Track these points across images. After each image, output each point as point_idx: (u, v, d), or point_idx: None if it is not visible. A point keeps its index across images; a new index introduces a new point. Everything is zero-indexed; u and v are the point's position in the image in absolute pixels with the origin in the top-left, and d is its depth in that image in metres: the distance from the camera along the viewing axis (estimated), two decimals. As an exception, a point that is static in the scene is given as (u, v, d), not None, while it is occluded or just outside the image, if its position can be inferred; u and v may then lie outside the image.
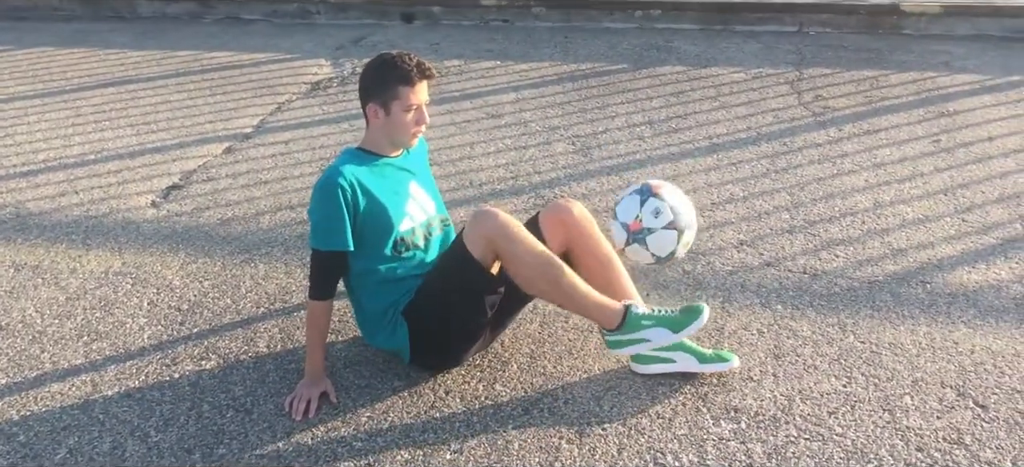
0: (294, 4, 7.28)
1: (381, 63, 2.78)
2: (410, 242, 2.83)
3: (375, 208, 2.75)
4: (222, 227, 3.87)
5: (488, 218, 2.66)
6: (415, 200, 2.89)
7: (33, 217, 4.00)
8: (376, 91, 2.76)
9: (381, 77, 2.75)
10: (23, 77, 5.97)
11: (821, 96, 5.16)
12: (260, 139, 4.82)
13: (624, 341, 2.73)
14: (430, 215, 2.94)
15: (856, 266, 3.44)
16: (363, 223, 2.74)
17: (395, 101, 2.74)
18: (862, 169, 4.23)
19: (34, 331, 3.16)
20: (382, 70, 2.76)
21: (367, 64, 2.83)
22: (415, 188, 2.91)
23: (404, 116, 2.76)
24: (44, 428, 2.69)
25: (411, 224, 2.85)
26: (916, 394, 2.75)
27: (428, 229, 2.91)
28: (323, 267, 2.74)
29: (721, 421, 2.67)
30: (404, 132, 2.80)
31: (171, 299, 3.34)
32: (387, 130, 2.80)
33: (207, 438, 2.64)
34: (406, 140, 2.83)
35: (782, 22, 6.50)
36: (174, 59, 6.26)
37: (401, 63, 2.73)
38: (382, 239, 2.79)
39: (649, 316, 2.72)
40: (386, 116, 2.77)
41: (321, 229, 2.72)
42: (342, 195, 2.68)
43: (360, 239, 2.76)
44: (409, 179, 2.90)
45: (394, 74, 2.73)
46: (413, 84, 2.73)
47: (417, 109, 2.78)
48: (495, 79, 5.63)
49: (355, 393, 2.82)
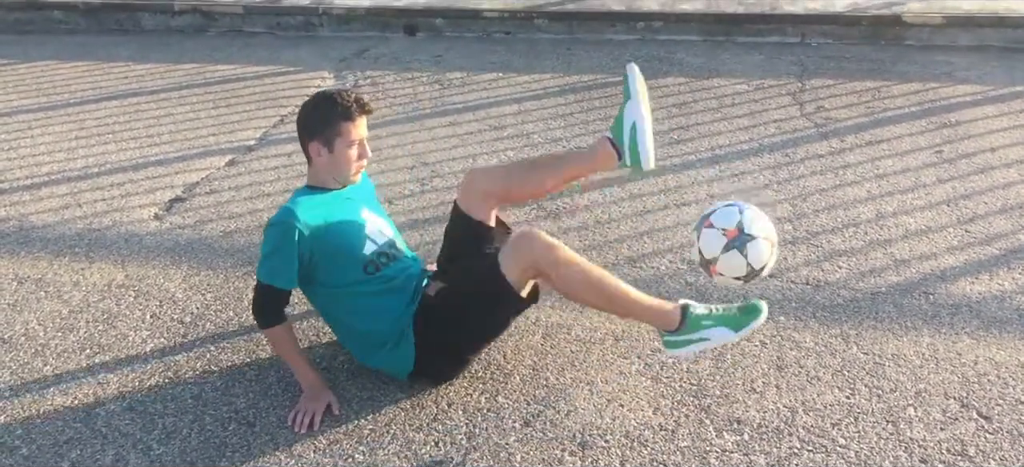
0: (298, 17, 7.29)
1: (322, 101, 2.83)
2: (379, 262, 2.84)
3: (334, 237, 2.79)
4: (225, 239, 3.87)
5: (532, 241, 2.67)
6: (371, 223, 2.91)
7: (36, 230, 4.00)
8: (318, 129, 2.81)
9: (322, 115, 2.81)
10: (27, 90, 5.99)
11: (823, 107, 5.16)
12: (263, 151, 4.82)
13: (683, 342, 2.68)
14: (389, 235, 2.96)
15: (859, 277, 3.43)
16: (324, 256, 2.77)
17: (338, 138, 2.80)
18: (864, 180, 4.23)
19: (37, 344, 3.16)
20: (323, 108, 2.81)
21: (305, 104, 2.88)
22: (367, 214, 2.93)
23: (347, 151, 2.82)
24: (47, 441, 2.69)
25: (374, 246, 2.86)
26: (919, 406, 2.75)
27: (394, 248, 2.93)
28: (268, 298, 2.76)
29: (724, 433, 2.67)
30: (347, 167, 2.85)
31: (174, 311, 3.34)
32: (331, 167, 2.85)
33: (209, 451, 2.64)
34: (348, 175, 2.88)
35: (784, 33, 6.50)
36: (177, 72, 6.27)
37: (341, 100, 2.79)
38: (351, 266, 2.81)
39: (709, 316, 2.67)
40: (330, 153, 2.82)
41: (268, 264, 2.74)
42: (294, 232, 2.71)
43: (330, 268, 2.78)
44: (359, 206, 2.93)
45: (335, 111, 2.79)
46: (354, 119, 2.80)
47: (360, 143, 2.84)
48: (497, 91, 5.64)
49: (357, 405, 2.82)
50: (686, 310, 2.68)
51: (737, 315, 2.67)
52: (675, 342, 2.69)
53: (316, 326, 3.19)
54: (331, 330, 3.03)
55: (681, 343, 2.68)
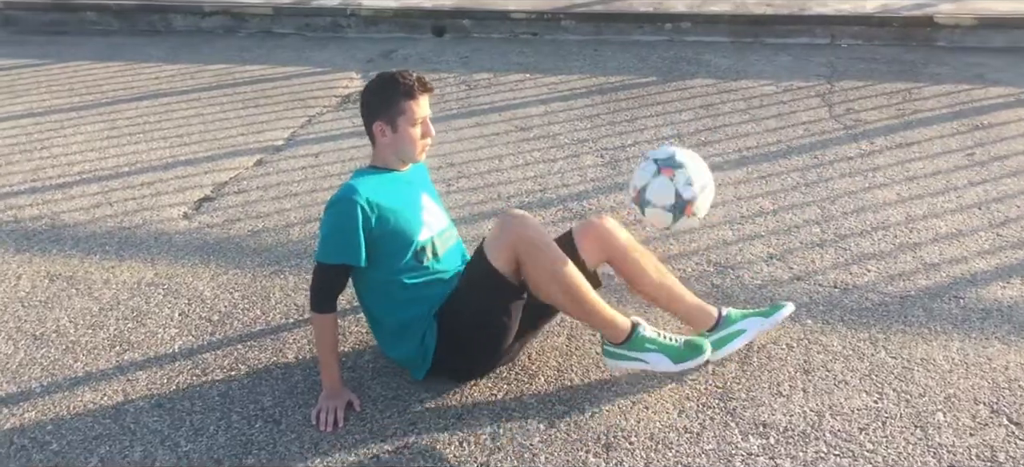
0: (326, 18, 7.34)
1: (383, 81, 2.83)
2: (429, 251, 2.85)
3: (393, 220, 2.78)
4: (252, 239, 3.90)
5: (512, 222, 2.69)
6: (428, 211, 2.92)
7: (68, 228, 4.06)
8: (381, 109, 2.81)
9: (385, 95, 2.81)
10: (60, 90, 6.07)
11: (853, 109, 5.12)
12: (291, 152, 4.86)
13: (621, 355, 2.77)
14: (444, 225, 2.98)
15: (888, 281, 3.40)
16: (382, 236, 2.77)
17: (401, 116, 2.79)
18: (894, 183, 4.19)
19: (68, 341, 3.21)
20: (385, 88, 2.81)
21: (367, 85, 2.88)
22: (426, 200, 2.94)
23: (411, 130, 2.81)
24: (76, 437, 2.73)
25: (429, 233, 2.87)
26: (948, 411, 2.72)
27: (444, 239, 2.94)
28: (327, 280, 2.77)
29: (750, 436, 2.65)
30: (412, 146, 2.84)
31: (202, 310, 3.37)
32: (395, 146, 2.84)
33: (236, 448, 2.66)
34: (414, 154, 2.87)
35: (814, 34, 6.45)
36: (207, 72, 6.33)
37: (403, 79, 2.79)
38: (402, 250, 2.81)
39: (654, 341, 2.75)
40: (393, 133, 2.82)
41: (330, 242, 2.75)
42: (358, 210, 2.71)
43: (382, 251, 2.78)
44: (420, 191, 2.94)
45: (398, 90, 2.79)
46: (416, 98, 2.80)
47: (423, 122, 2.83)
48: (524, 92, 5.64)
49: (382, 404, 2.83)
50: (635, 328, 2.75)
51: (681, 349, 2.75)
52: (614, 354, 2.79)
53: (341, 326, 3.20)
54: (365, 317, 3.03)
55: (618, 355, 2.79)
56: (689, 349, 2.75)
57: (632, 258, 2.89)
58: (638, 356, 2.75)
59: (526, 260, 2.67)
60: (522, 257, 2.67)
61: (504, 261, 2.67)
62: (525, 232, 2.67)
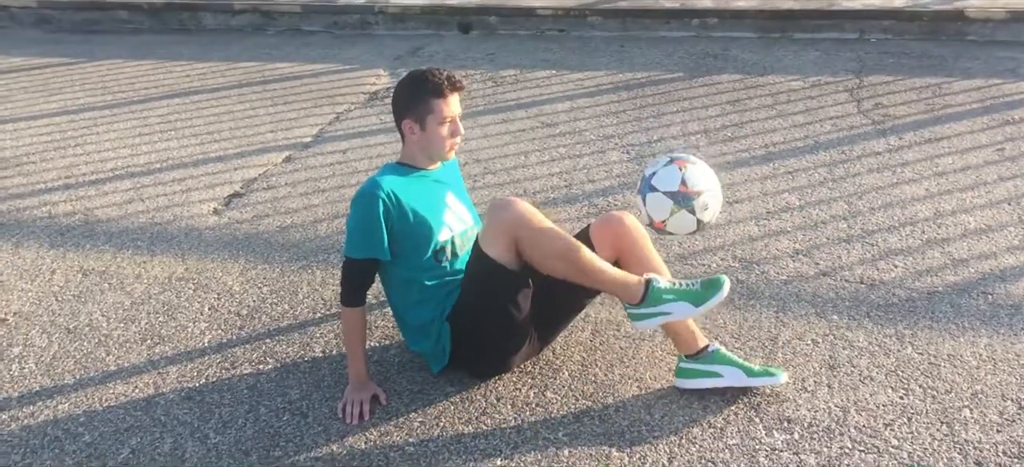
0: (354, 15, 7.39)
1: (413, 79, 2.84)
2: (449, 251, 2.88)
3: (414, 218, 2.81)
4: (281, 234, 3.95)
5: (502, 208, 2.68)
6: (452, 211, 2.94)
7: (101, 224, 4.12)
8: (410, 107, 2.83)
9: (414, 93, 2.82)
10: (94, 88, 6.16)
11: (881, 104, 5.09)
12: (319, 148, 4.90)
13: (646, 314, 2.69)
14: (467, 226, 2.99)
15: (915, 276, 3.38)
16: (402, 233, 2.80)
17: (429, 115, 2.80)
18: (923, 178, 4.16)
19: (100, 334, 3.26)
20: (415, 86, 2.83)
21: (399, 82, 2.90)
22: (451, 199, 2.96)
23: (439, 129, 2.82)
24: (108, 429, 2.78)
25: (449, 233, 2.89)
26: (975, 407, 2.70)
27: (465, 239, 2.95)
28: (355, 274, 2.81)
29: (774, 432, 2.65)
30: (440, 145, 2.85)
31: (231, 304, 3.42)
32: (423, 144, 2.86)
33: (264, 440, 2.70)
34: (443, 152, 2.88)
35: (842, 29, 6.41)
36: (237, 70, 6.40)
37: (432, 77, 2.80)
38: (421, 248, 2.84)
39: (670, 290, 2.67)
40: (422, 131, 2.83)
41: (357, 237, 2.79)
42: (381, 205, 2.74)
43: (400, 249, 2.81)
44: (445, 191, 2.96)
45: (426, 88, 2.80)
46: (446, 96, 2.80)
47: (451, 121, 2.84)
48: (550, 88, 5.65)
49: (408, 398, 2.86)
50: (649, 283, 2.68)
51: (698, 291, 2.66)
52: (638, 315, 2.70)
53: (368, 320, 3.23)
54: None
55: (643, 316, 2.70)
56: (707, 288, 2.66)
57: (636, 256, 2.86)
58: (659, 310, 2.67)
59: (523, 242, 2.66)
60: (519, 240, 2.66)
61: (502, 249, 2.67)
62: (515, 215, 2.65)
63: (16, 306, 3.47)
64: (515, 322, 2.81)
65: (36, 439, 2.74)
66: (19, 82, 6.38)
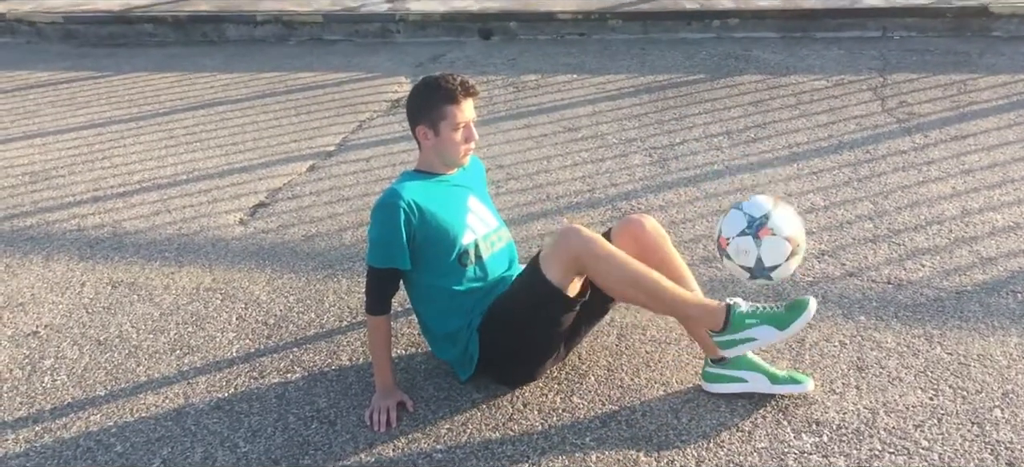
0: (375, 24, 7.43)
1: (426, 86, 2.85)
2: (473, 254, 2.89)
3: (436, 224, 2.82)
4: (306, 243, 3.98)
5: (572, 236, 2.67)
6: (474, 214, 2.94)
7: (129, 236, 4.17)
8: (424, 113, 2.84)
9: (427, 99, 2.83)
10: (120, 102, 6.22)
11: (906, 102, 5.05)
12: (342, 157, 4.93)
13: (732, 341, 2.61)
14: (491, 228, 2.99)
15: (943, 276, 3.35)
16: (425, 239, 2.81)
17: (443, 121, 2.81)
18: (949, 176, 4.13)
19: (130, 345, 3.30)
20: (428, 92, 2.84)
21: (413, 88, 2.91)
22: (473, 202, 2.96)
23: (453, 135, 2.83)
24: (139, 439, 2.81)
25: (473, 237, 2.90)
26: (1007, 407, 2.68)
27: (490, 242, 2.96)
28: (379, 283, 2.82)
29: (802, 434, 2.64)
30: (455, 151, 2.86)
31: (258, 314, 3.44)
32: (438, 150, 2.87)
33: (293, 449, 2.72)
34: (457, 158, 2.89)
35: (865, 27, 6.37)
36: (260, 81, 6.45)
37: (445, 83, 2.80)
38: (446, 253, 2.84)
39: (754, 314, 2.59)
40: (436, 136, 2.84)
41: (379, 247, 2.80)
42: (401, 214, 2.76)
43: (424, 255, 2.83)
44: (466, 194, 2.96)
45: (439, 95, 2.80)
46: (458, 102, 2.81)
47: (465, 127, 2.84)
48: (572, 92, 5.66)
49: (434, 405, 2.87)
50: (731, 309, 2.60)
51: (783, 314, 2.58)
52: (726, 342, 2.63)
53: (394, 327, 3.25)
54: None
55: (730, 343, 2.62)
56: (791, 310, 2.57)
57: (658, 259, 2.82)
58: (745, 336, 2.58)
59: (591, 269, 2.65)
60: (587, 268, 2.65)
61: (561, 274, 2.66)
62: (583, 242, 2.64)
63: (47, 319, 3.51)
64: (551, 342, 2.83)
65: (69, 450, 2.78)
66: (46, 97, 6.46)
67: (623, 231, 2.90)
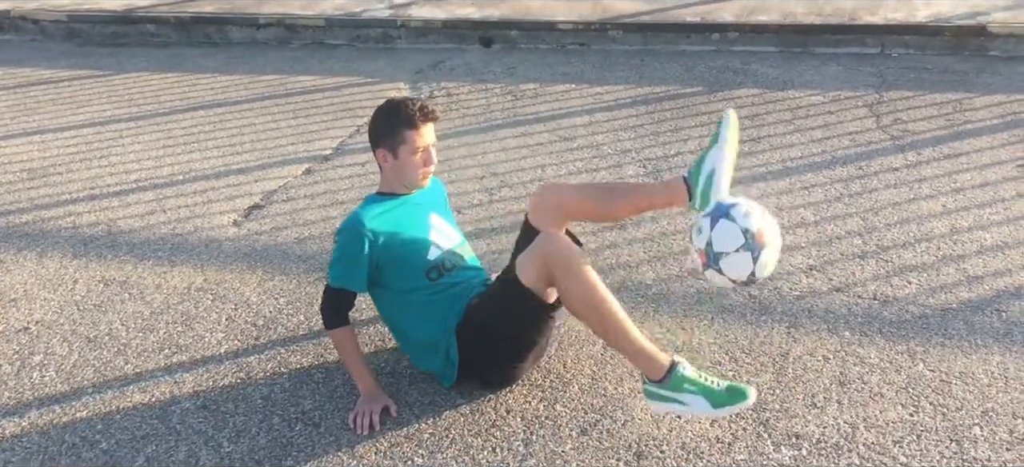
0: (376, 29, 7.46)
1: (387, 110, 2.92)
2: (442, 268, 2.93)
3: (400, 243, 2.89)
4: (298, 246, 4.00)
5: (550, 243, 2.69)
6: (437, 230, 3.01)
7: (123, 235, 4.19)
8: (384, 137, 2.91)
9: (387, 123, 2.90)
10: (120, 101, 6.25)
11: (901, 120, 5.07)
12: (338, 161, 4.96)
13: (662, 396, 2.61)
14: (455, 242, 3.05)
15: (929, 293, 3.37)
16: (391, 260, 2.87)
17: (402, 145, 2.88)
18: (940, 194, 4.14)
19: (119, 343, 3.32)
20: (388, 116, 2.90)
21: (374, 112, 2.97)
22: (435, 219, 3.03)
23: (412, 158, 2.89)
24: (125, 436, 2.83)
25: (438, 252, 2.95)
26: (986, 425, 2.69)
27: (454, 255, 3.01)
28: (334, 302, 2.89)
29: (782, 447, 2.65)
30: (413, 174, 2.92)
31: (248, 315, 3.46)
32: (397, 173, 2.93)
33: (276, 450, 2.74)
34: (416, 181, 2.95)
35: (864, 44, 6.38)
36: (260, 83, 6.48)
37: (405, 108, 2.87)
38: (414, 270, 2.91)
39: (695, 382, 2.57)
40: (394, 160, 2.91)
41: (338, 267, 2.87)
42: (365, 242, 2.83)
43: (395, 272, 2.89)
44: (428, 212, 3.03)
45: (399, 119, 2.87)
46: (417, 127, 2.86)
47: (424, 151, 2.90)
48: (569, 102, 5.68)
49: (418, 409, 2.89)
50: (674, 367, 2.59)
51: (722, 393, 2.55)
52: (654, 394, 2.63)
53: (382, 332, 3.27)
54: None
55: (658, 397, 2.62)
56: (731, 394, 2.55)
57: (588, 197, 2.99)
58: (676, 398, 2.58)
59: (557, 281, 2.66)
60: (554, 278, 2.67)
61: (535, 278, 2.68)
62: (556, 251, 2.65)
63: (38, 315, 3.53)
64: (531, 343, 2.86)
65: (54, 445, 2.80)
66: (47, 94, 6.49)
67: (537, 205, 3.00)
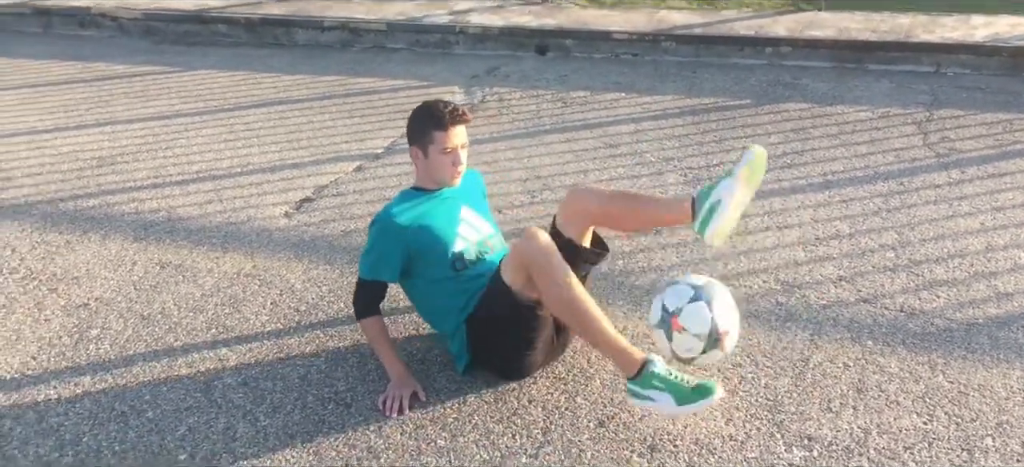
0: (436, 34, 7.64)
1: (420, 110, 3.09)
2: (466, 260, 3.05)
3: (428, 236, 3.02)
4: (344, 238, 4.17)
5: (531, 242, 2.80)
6: (466, 223, 3.13)
7: (181, 221, 4.41)
8: (416, 136, 3.07)
9: (419, 123, 3.06)
10: (188, 97, 6.52)
11: (948, 138, 5.05)
12: (389, 159, 5.13)
13: (636, 393, 2.74)
14: (484, 235, 3.17)
15: (957, 307, 3.39)
16: (419, 250, 3.02)
17: (432, 145, 3.02)
18: (980, 211, 4.14)
19: (171, 322, 3.52)
20: (420, 117, 3.06)
21: (412, 111, 3.11)
22: (466, 212, 3.15)
23: (441, 158, 3.04)
24: (169, 407, 3.01)
25: (465, 243, 3.08)
26: (999, 436, 2.72)
27: (483, 247, 3.12)
28: (365, 293, 3.06)
29: (793, 448, 2.72)
30: (442, 172, 3.07)
31: (291, 300, 3.64)
32: (428, 171, 3.09)
33: (308, 426, 2.90)
34: (446, 180, 3.09)
35: (919, 62, 6.35)
36: (321, 83, 6.70)
37: (436, 110, 3.01)
38: (440, 261, 3.04)
39: (662, 378, 2.70)
40: (425, 158, 3.06)
41: (370, 260, 3.04)
42: (393, 235, 2.99)
43: (421, 263, 3.03)
44: (460, 205, 3.16)
45: (430, 120, 3.02)
46: (446, 129, 3.00)
47: (453, 151, 3.03)
48: (617, 111, 5.77)
49: (445, 395, 3.02)
50: (645, 364, 2.72)
51: (688, 390, 2.68)
52: (630, 390, 2.77)
53: (416, 322, 3.41)
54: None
55: (633, 393, 2.76)
56: (696, 391, 2.68)
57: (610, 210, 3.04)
58: (646, 394, 2.72)
59: (537, 282, 2.78)
60: (536, 278, 2.78)
61: (514, 276, 2.81)
62: (534, 250, 2.76)
63: (98, 293, 3.76)
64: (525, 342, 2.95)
65: (104, 412, 2.99)
66: (120, 88, 6.79)
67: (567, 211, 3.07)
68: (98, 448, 2.83)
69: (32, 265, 4.00)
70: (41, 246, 4.19)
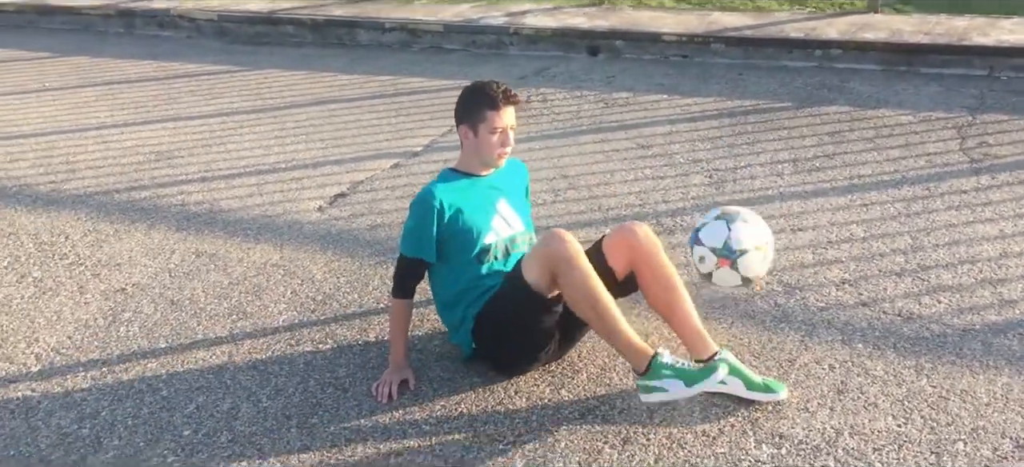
0: (490, 36, 7.80)
1: (473, 90, 3.15)
2: (492, 254, 3.15)
3: (462, 221, 3.11)
4: (370, 232, 4.35)
5: (552, 241, 2.90)
6: (501, 216, 3.21)
7: (222, 214, 4.66)
8: (466, 115, 3.13)
9: (472, 102, 3.12)
10: (247, 94, 6.83)
11: (987, 143, 4.97)
12: (426, 157, 5.30)
13: (647, 387, 2.81)
14: (516, 231, 3.24)
15: (956, 313, 3.38)
16: (451, 234, 3.10)
17: (482, 124, 3.09)
18: (1001, 218, 4.09)
19: (197, 307, 3.75)
20: (473, 95, 3.13)
21: (462, 91, 3.20)
22: (503, 205, 3.23)
23: (490, 137, 3.10)
24: (182, 386, 3.24)
25: (495, 237, 3.17)
26: (971, 442, 2.73)
27: (511, 243, 3.21)
28: (406, 270, 3.15)
29: (763, 445, 2.78)
30: (491, 152, 3.13)
31: (310, 290, 3.83)
32: (476, 150, 3.15)
33: (306, 408, 3.08)
34: (493, 160, 3.16)
35: (971, 65, 6.22)
36: (374, 82, 6.92)
37: (488, 90, 3.08)
38: (468, 248, 3.13)
39: (670, 367, 2.78)
40: (474, 137, 3.13)
41: (411, 237, 3.13)
42: (434, 210, 3.07)
43: (448, 247, 3.13)
44: (498, 196, 3.23)
45: (482, 99, 3.09)
46: (499, 108, 3.07)
47: (502, 132, 3.10)
48: (657, 112, 5.83)
49: (437, 384, 3.16)
50: (653, 358, 2.79)
51: (695, 372, 2.78)
52: (641, 386, 2.84)
53: (419, 313, 3.55)
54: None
55: (644, 388, 2.82)
56: (702, 372, 2.78)
57: (648, 268, 3.03)
58: (657, 384, 2.79)
59: (559, 276, 2.87)
60: (557, 274, 2.87)
61: (537, 276, 2.90)
62: (559, 250, 2.85)
63: (136, 279, 4.02)
64: (535, 340, 3.06)
65: (123, 389, 3.23)
66: (188, 86, 7.15)
67: (617, 238, 3.11)
68: (113, 422, 3.06)
69: (81, 251, 4.30)
70: (92, 234, 4.49)
